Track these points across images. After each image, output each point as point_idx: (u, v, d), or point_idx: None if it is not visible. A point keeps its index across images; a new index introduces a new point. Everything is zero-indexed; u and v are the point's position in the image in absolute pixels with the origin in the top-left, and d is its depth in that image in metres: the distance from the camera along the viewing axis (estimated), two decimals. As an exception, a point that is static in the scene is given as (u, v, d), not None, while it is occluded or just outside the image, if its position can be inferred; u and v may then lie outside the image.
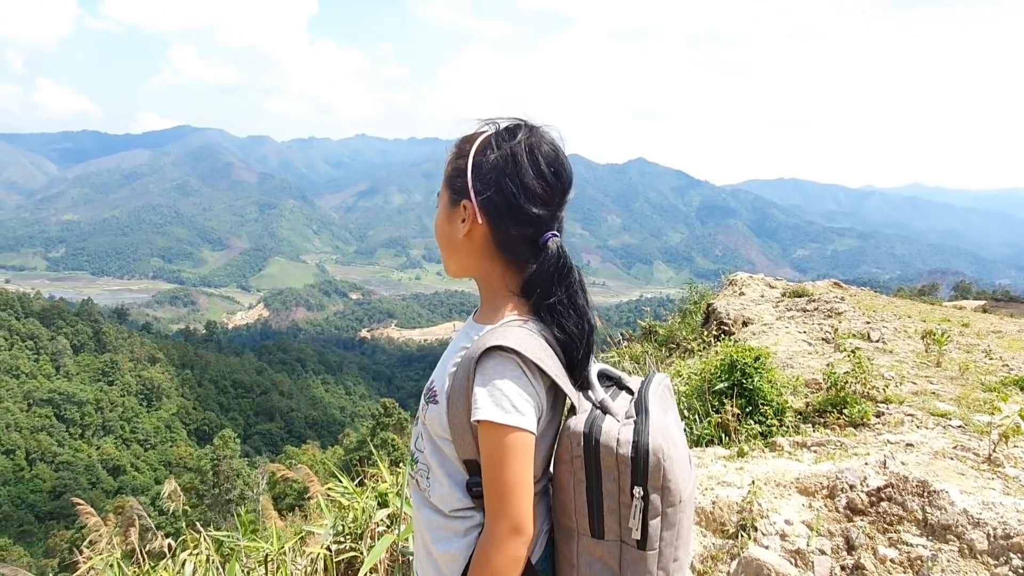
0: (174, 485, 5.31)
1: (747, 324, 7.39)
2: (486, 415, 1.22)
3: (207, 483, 30.18)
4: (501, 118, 1.40)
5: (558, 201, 1.35)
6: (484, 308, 1.43)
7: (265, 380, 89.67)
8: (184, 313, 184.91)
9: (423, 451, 1.42)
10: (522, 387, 1.25)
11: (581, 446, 1.27)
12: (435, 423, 1.36)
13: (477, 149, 1.36)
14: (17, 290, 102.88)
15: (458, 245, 1.40)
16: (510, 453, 1.22)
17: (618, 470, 1.24)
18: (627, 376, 1.47)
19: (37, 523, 52.25)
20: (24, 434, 67.23)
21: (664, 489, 1.23)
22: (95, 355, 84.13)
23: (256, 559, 3.64)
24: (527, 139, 1.34)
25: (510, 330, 1.29)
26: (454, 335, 1.50)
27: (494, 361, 1.25)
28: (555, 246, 1.34)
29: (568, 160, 1.37)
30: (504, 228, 1.34)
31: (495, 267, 1.39)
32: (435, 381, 1.40)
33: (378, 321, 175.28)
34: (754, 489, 2.99)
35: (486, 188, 1.33)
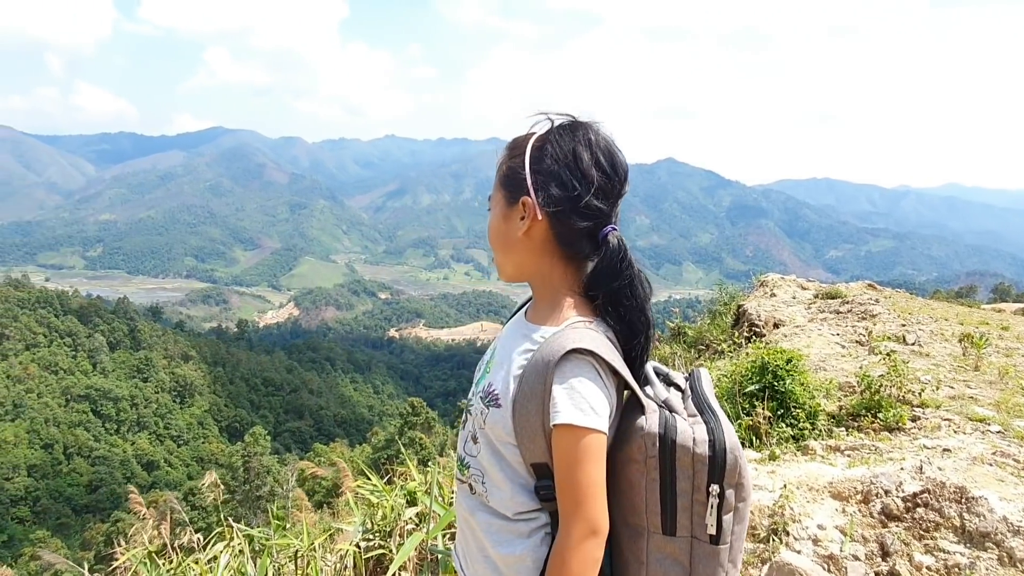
0: (214, 477, 5.39)
1: (778, 326, 7.30)
2: (567, 418, 1.23)
3: (238, 479, 30.62)
4: (553, 114, 1.40)
5: (616, 193, 1.35)
6: (541, 308, 1.42)
7: (295, 378, 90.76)
8: (216, 312, 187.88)
9: (476, 456, 1.42)
10: (599, 388, 1.26)
11: (656, 446, 1.27)
12: (498, 427, 1.35)
13: (534, 145, 1.37)
14: (56, 288, 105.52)
15: (516, 245, 1.39)
16: (587, 455, 1.23)
17: (693, 469, 1.25)
18: (672, 372, 1.47)
19: (74, 516, 53.53)
20: (62, 429, 68.94)
21: (738, 485, 1.26)
22: (130, 352, 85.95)
23: (287, 555, 3.68)
24: (584, 133, 1.35)
25: (582, 332, 1.30)
26: (503, 335, 1.49)
27: (572, 364, 1.26)
28: (616, 239, 1.34)
29: (622, 153, 1.38)
30: (565, 222, 1.34)
31: (555, 265, 1.39)
32: (495, 385, 1.38)
33: (406, 321, 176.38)
34: (786, 493, 2.95)
35: (546, 183, 1.34)
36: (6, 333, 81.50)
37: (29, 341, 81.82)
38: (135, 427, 75.43)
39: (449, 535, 3.19)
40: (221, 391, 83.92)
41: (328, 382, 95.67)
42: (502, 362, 1.40)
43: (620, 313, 1.34)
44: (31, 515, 54.58)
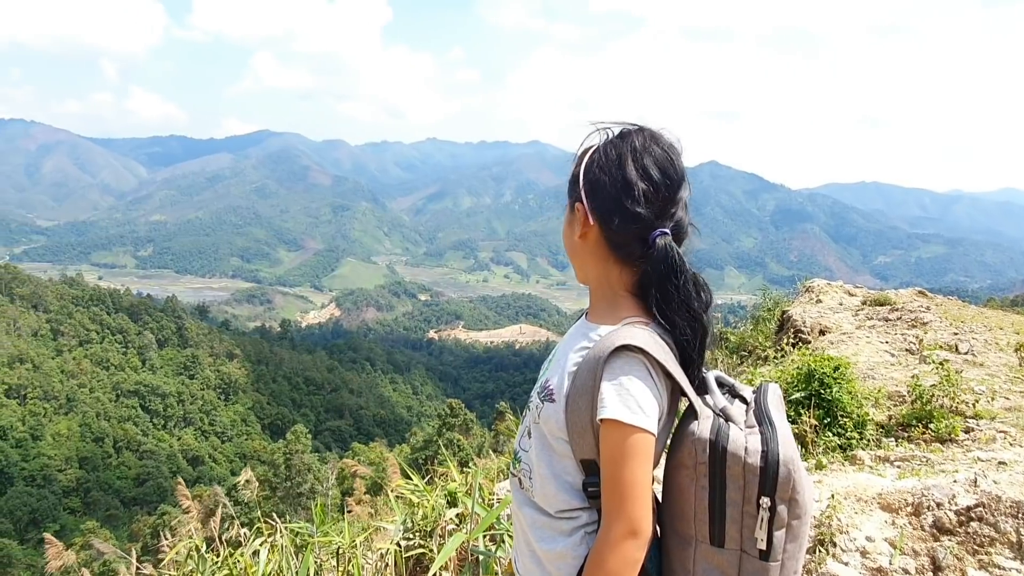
0: (250, 474, 5.50)
1: (824, 332, 7.15)
2: (613, 414, 1.23)
3: (280, 476, 31.16)
4: (617, 123, 1.44)
5: (663, 200, 1.36)
6: (599, 308, 1.44)
7: (336, 378, 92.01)
8: (260, 311, 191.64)
9: (528, 450, 1.44)
10: (648, 388, 1.26)
11: (707, 453, 1.26)
12: (551, 422, 1.36)
13: (589, 154, 1.42)
14: (109, 287, 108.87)
15: (577, 249, 1.44)
16: (632, 454, 1.23)
17: (744, 479, 1.23)
18: (739, 384, 1.45)
19: (122, 508, 55.07)
20: (112, 423, 71.05)
21: (792, 501, 1.22)
22: (178, 350, 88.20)
23: (328, 552, 3.72)
24: (635, 141, 1.38)
25: (635, 330, 1.31)
26: (565, 336, 1.50)
27: (622, 360, 1.27)
28: (663, 243, 1.35)
29: (680, 162, 1.39)
30: (611, 227, 1.36)
31: (611, 268, 1.41)
32: (551, 380, 1.40)
33: (446, 322, 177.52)
34: (833, 503, 2.89)
35: (593, 190, 1.38)
36: (61, 329, 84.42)
37: (82, 337, 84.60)
38: (181, 423, 77.39)
39: (490, 536, 3.20)
40: (264, 389, 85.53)
41: (368, 382, 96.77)
42: (560, 360, 1.43)
43: (669, 316, 1.34)
44: (82, 506, 56.35)
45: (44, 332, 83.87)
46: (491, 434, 28.66)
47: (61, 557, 4.37)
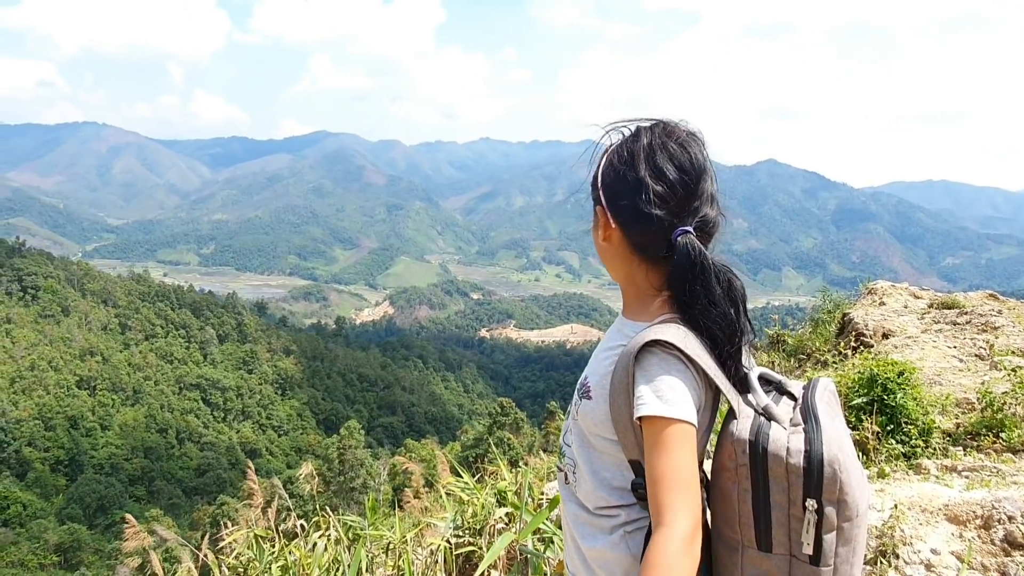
0: (310, 468, 5.60)
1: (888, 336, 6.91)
2: (649, 410, 1.21)
3: (333, 471, 31.75)
4: (632, 120, 1.40)
5: (681, 198, 1.32)
6: (632, 307, 1.42)
7: (388, 375, 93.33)
8: (316, 308, 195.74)
9: (571, 445, 1.42)
10: (683, 380, 1.23)
11: (747, 454, 1.22)
12: (587, 418, 1.35)
13: (605, 155, 1.39)
14: (173, 283, 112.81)
15: (603, 250, 1.42)
16: (673, 445, 1.19)
17: (788, 481, 1.19)
18: (788, 380, 1.40)
19: (184, 497, 56.95)
20: (175, 415, 73.63)
21: (840, 502, 1.17)
22: (237, 345, 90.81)
23: (380, 546, 3.77)
24: (650, 139, 1.34)
25: (667, 327, 1.28)
26: (606, 333, 1.48)
27: (655, 356, 1.25)
28: (684, 243, 1.31)
29: (700, 155, 1.35)
30: (630, 229, 1.34)
31: (638, 268, 1.38)
32: (589, 376, 1.39)
33: (497, 321, 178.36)
34: (896, 514, 2.79)
35: (611, 191, 1.36)
36: (129, 324, 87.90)
37: (148, 332, 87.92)
38: (240, 416, 79.65)
39: (539, 536, 3.18)
40: (319, 385, 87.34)
41: (420, 379, 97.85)
42: (597, 356, 1.42)
43: (697, 315, 1.31)
44: (146, 494, 58.52)
45: (113, 326, 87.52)
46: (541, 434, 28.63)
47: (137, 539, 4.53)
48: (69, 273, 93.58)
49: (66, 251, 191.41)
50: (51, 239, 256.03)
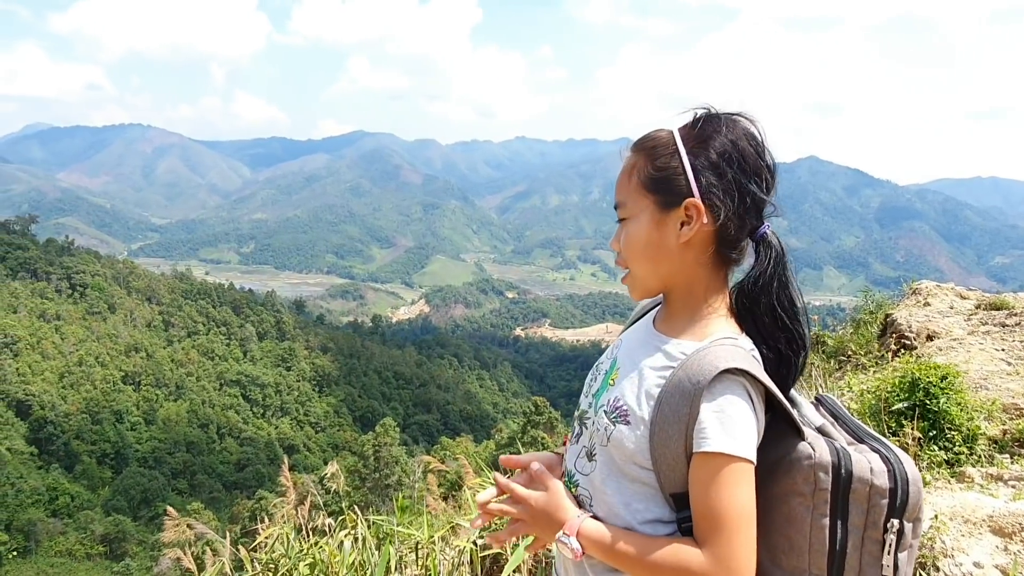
0: (336, 467, 5.64)
1: (932, 338, 6.70)
2: (718, 446, 1.10)
3: (369, 467, 32.07)
4: (694, 107, 1.27)
5: (774, 188, 1.24)
6: (677, 319, 1.27)
7: (424, 373, 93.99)
8: (353, 306, 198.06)
9: (589, 474, 1.27)
10: (750, 413, 1.14)
11: (830, 476, 1.12)
12: (623, 446, 1.20)
13: (689, 143, 1.23)
14: (214, 281, 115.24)
15: (671, 254, 1.24)
16: (737, 484, 1.10)
17: (869, 503, 1.11)
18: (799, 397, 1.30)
19: (224, 491, 58.10)
20: (216, 410, 75.19)
21: (917, 520, 1.13)
22: (276, 342, 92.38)
23: (408, 545, 3.76)
24: (742, 124, 1.23)
25: (731, 350, 1.16)
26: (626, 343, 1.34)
27: (724, 385, 1.13)
28: (776, 239, 1.23)
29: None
30: (735, 224, 1.20)
31: (708, 274, 1.25)
32: (624, 398, 1.23)
33: (532, 320, 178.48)
34: (937, 524, 2.68)
35: (714, 180, 1.20)
36: (172, 321, 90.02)
37: (190, 329, 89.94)
38: (278, 412, 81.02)
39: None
40: (355, 382, 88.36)
41: (455, 378, 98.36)
42: (630, 374, 1.25)
43: (775, 326, 1.21)
44: (188, 487, 59.87)
45: (157, 323, 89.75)
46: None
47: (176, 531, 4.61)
48: (115, 271, 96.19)
49: (112, 250, 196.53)
50: (98, 238, 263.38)
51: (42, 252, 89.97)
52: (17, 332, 74.06)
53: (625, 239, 1.28)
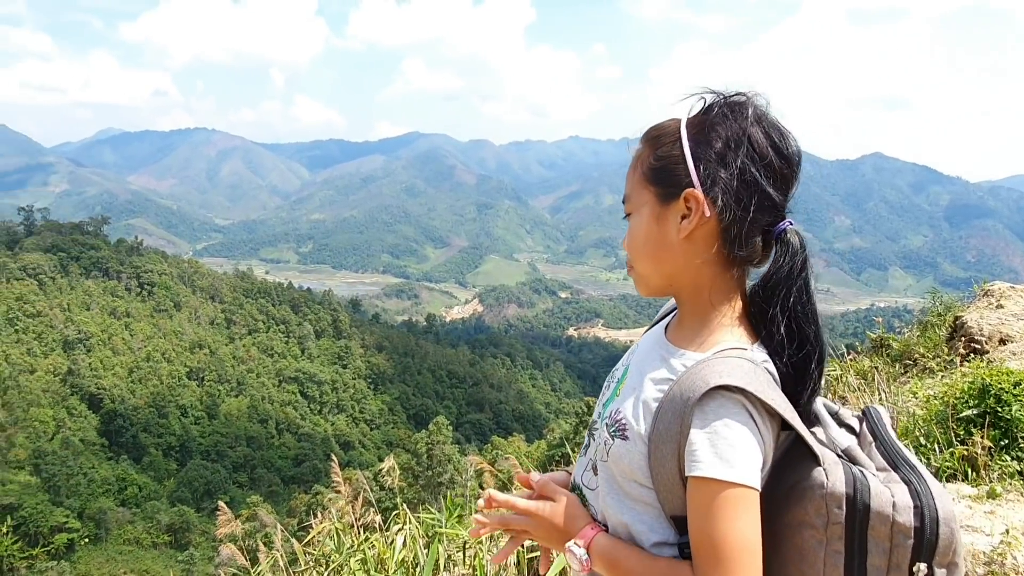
0: (392, 463, 5.69)
1: (1005, 342, 6.38)
2: (707, 470, 1.00)
3: (422, 465, 32.39)
4: (701, 92, 1.15)
5: (792, 179, 1.11)
6: (686, 327, 1.17)
7: (477, 372, 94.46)
8: (408, 305, 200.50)
9: (595, 490, 1.18)
10: (751, 434, 1.02)
11: (843, 511, 1.00)
12: (623, 462, 1.11)
13: (692, 131, 1.13)
14: (274, 280, 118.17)
15: (672, 250, 1.13)
16: (733, 513, 0.99)
17: (891, 542, 0.99)
18: (843, 409, 1.18)
19: (282, 485, 59.57)
20: (275, 406, 77.13)
21: (952, 565, 0.99)
22: (333, 340, 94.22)
23: (456, 544, 3.77)
24: (751, 109, 1.11)
25: (733, 363, 1.05)
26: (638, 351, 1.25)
27: (716, 403, 1.02)
28: (796, 236, 1.11)
29: (791, 133, 1.12)
30: (743, 219, 1.08)
31: (716, 274, 1.13)
32: (622, 410, 1.14)
33: (585, 320, 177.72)
34: (1008, 539, 2.53)
35: (714, 172, 1.09)
36: (233, 319, 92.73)
37: (251, 327, 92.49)
38: (335, 409, 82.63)
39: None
40: (409, 381, 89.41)
41: (508, 377, 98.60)
42: (634, 386, 1.16)
43: (791, 331, 1.09)
44: (248, 481, 61.59)
45: (219, 321, 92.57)
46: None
47: (229, 525, 4.74)
48: (181, 271, 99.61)
49: (178, 250, 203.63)
50: (165, 238, 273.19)
51: (113, 252, 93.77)
52: (90, 328, 77.46)
53: (628, 235, 1.20)
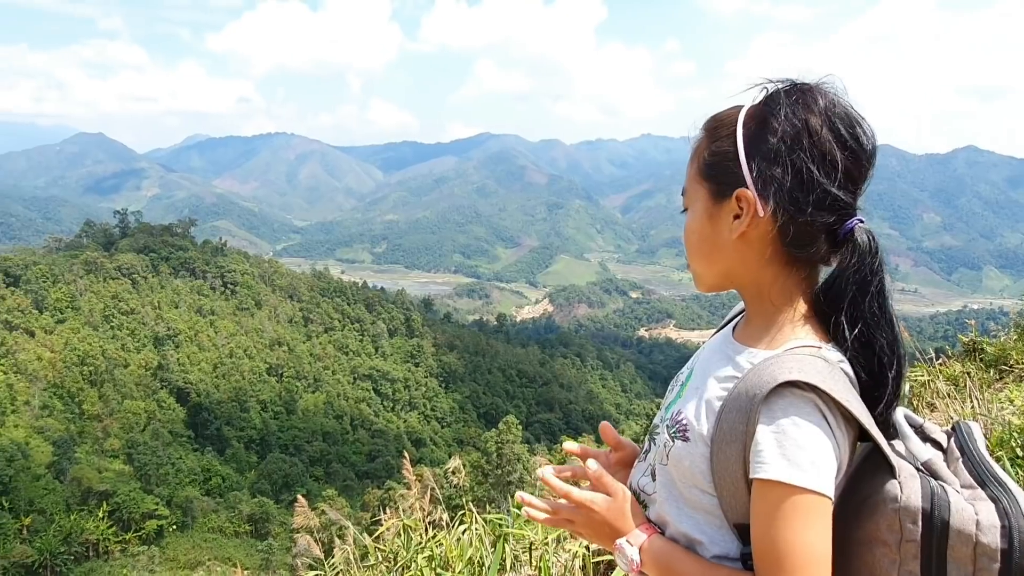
0: (458, 461, 5.71)
1: (1115, 346, 5.92)
2: (774, 473, 0.93)
3: (491, 464, 32.55)
4: (768, 80, 1.08)
5: (863, 175, 1.03)
6: (753, 325, 1.10)
7: (547, 372, 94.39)
8: (479, 305, 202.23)
9: (652, 494, 1.12)
10: (824, 436, 0.94)
11: (919, 527, 0.92)
12: (682, 465, 1.05)
13: (748, 124, 1.05)
14: (349, 280, 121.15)
15: (726, 250, 1.07)
16: (802, 521, 0.92)
17: (975, 565, 0.91)
18: (928, 423, 1.08)
19: (356, 480, 60.96)
20: (350, 403, 79.07)
21: None
22: (405, 339, 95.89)
23: (522, 545, 3.73)
24: (815, 98, 1.02)
25: (806, 360, 0.98)
26: (704, 352, 1.20)
27: (786, 401, 0.95)
28: (865, 235, 1.02)
29: (867, 122, 1.03)
30: (800, 219, 1.00)
31: (778, 273, 1.06)
32: (684, 411, 1.08)
33: (656, 321, 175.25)
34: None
35: (769, 168, 1.01)
36: (311, 317, 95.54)
37: (327, 325, 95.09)
38: (407, 407, 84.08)
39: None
40: (480, 379, 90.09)
41: (578, 377, 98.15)
42: (697, 386, 1.11)
43: (865, 336, 1.01)
44: (324, 475, 63.34)
45: (297, 319, 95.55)
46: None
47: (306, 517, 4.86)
48: (262, 270, 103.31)
49: (260, 250, 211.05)
50: (247, 239, 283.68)
51: (200, 253, 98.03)
52: (178, 325, 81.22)
53: (684, 232, 1.15)
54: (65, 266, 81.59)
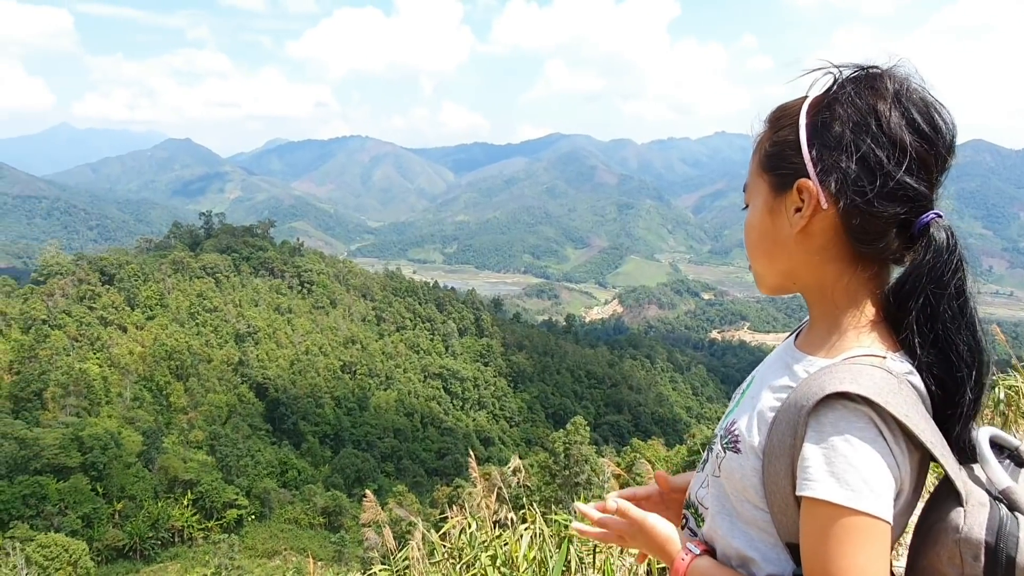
0: (518, 462, 5.72)
1: None
2: (824, 492, 0.86)
3: (559, 464, 32.47)
4: (836, 65, 1.00)
5: (940, 165, 0.94)
6: (816, 331, 1.03)
7: (616, 373, 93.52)
8: (548, 305, 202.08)
9: (707, 507, 1.08)
10: (878, 455, 0.87)
11: (980, 561, 0.86)
12: (734, 477, 1.00)
13: (812, 111, 0.98)
14: (421, 280, 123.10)
15: (787, 246, 1.00)
16: (853, 545, 0.85)
17: None
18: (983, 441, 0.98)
19: (426, 477, 61.87)
20: (420, 401, 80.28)
21: None
22: (475, 338, 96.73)
23: (587, 547, 3.70)
24: (886, 84, 0.95)
25: (861, 370, 0.91)
26: (766, 361, 1.13)
27: (837, 415, 0.88)
28: (944, 231, 0.93)
29: (946, 109, 0.94)
30: (866, 210, 0.92)
31: (842, 272, 0.98)
32: (738, 422, 1.03)
33: (729, 323, 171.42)
34: None
35: (834, 158, 0.94)
36: (383, 316, 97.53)
37: (399, 324, 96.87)
38: (476, 405, 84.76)
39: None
40: (548, 380, 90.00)
41: (647, 379, 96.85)
42: (753, 395, 1.05)
43: (941, 339, 0.93)
44: (395, 471, 64.51)
45: (370, 318, 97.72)
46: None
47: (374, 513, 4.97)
48: (337, 270, 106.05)
49: (335, 250, 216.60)
50: (323, 240, 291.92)
51: (278, 253, 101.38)
52: (258, 323, 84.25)
53: (745, 229, 1.10)
54: (154, 265, 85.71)
